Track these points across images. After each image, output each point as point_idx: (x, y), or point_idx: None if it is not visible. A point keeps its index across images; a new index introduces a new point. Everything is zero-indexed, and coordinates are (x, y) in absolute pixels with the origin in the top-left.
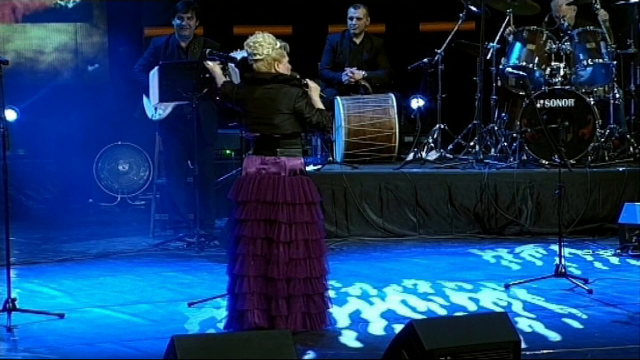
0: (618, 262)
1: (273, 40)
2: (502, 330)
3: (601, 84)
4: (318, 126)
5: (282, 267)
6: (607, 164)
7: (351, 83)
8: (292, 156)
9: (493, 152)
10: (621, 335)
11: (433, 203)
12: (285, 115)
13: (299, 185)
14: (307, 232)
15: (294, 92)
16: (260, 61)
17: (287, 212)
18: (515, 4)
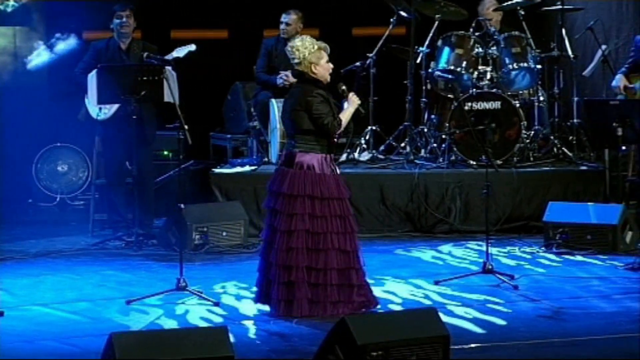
0: (543, 259)
1: (310, 43)
2: (432, 326)
3: (526, 87)
4: (323, 127)
5: (281, 254)
6: (532, 164)
7: (286, 86)
8: (306, 152)
9: (423, 153)
10: (546, 329)
11: (365, 202)
12: (300, 112)
13: (302, 179)
14: (308, 223)
15: (309, 90)
16: (298, 64)
17: (286, 203)
18: (444, 10)
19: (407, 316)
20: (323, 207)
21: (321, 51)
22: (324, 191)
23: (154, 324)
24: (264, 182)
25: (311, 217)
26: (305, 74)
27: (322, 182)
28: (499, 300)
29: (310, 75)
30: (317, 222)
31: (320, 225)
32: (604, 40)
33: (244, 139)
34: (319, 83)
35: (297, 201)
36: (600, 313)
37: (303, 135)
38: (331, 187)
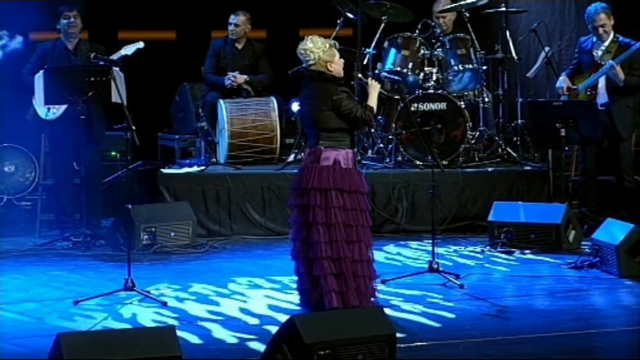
0: (488, 258)
1: (321, 43)
2: (379, 324)
3: (471, 89)
4: (358, 120)
5: (325, 246)
6: (478, 164)
7: (234, 87)
8: (332, 147)
9: (370, 153)
10: (491, 327)
11: None
12: (325, 112)
13: (330, 173)
14: (344, 216)
15: (333, 89)
16: (314, 65)
17: (319, 197)
18: (391, 12)
19: (354, 315)
20: (352, 201)
21: (332, 48)
22: (351, 185)
23: (102, 324)
24: (212, 183)
25: (344, 209)
26: (323, 73)
27: (349, 176)
28: (444, 299)
29: (327, 73)
30: (349, 215)
31: (352, 218)
32: (547, 42)
33: (192, 139)
34: (337, 80)
35: (329, 195)
36: (543, 311)
37: (329, 133)
38: (356, 181)
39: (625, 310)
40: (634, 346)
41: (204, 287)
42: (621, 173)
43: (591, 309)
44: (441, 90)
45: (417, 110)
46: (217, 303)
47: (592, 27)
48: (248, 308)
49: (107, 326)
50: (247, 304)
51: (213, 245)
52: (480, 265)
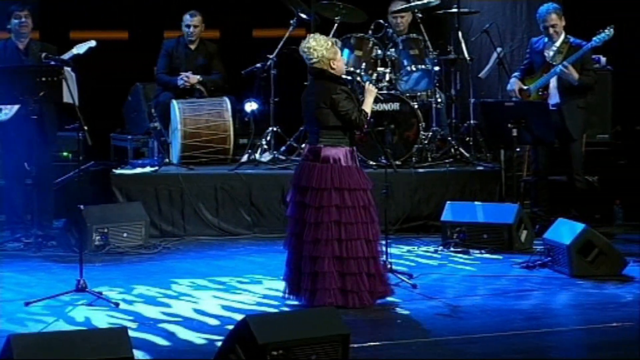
0: (441, 257)
1: (324, 41)
2: (332, 324)
3: (424, 89)
4: (351, 123)
5: (308, 246)
6: (431, 164)
7: (187, 87)
8: (332, 146)
9: None
10: (443, 326)
11: (267, 203)
12: (324, 110)
13: (329, 172)
14: (336, 215)
15: (333, 87)
16: (317, 63)
17: (317, 196)
18: (344, 12)
19: (307, 315)
20: (352, 198)
21: (334, 46)
22: (351, 183)
23: (53, 325)
24: (165, 183)
25: (340, 208)
26: (324, 71)
27: (349, 174)
28: (397, 299)
29: (330, 71)
30: (346, 213)
31: (349, 215)
32: (499, 42)
33: (144, 139)
34: (339, 79)
35: (324, 194)
36: (495, 310)
37: (328, 131)
38: (357, 179)
39: (576, 309)
40: (585, 345)
41: (156, 288)
42: (572, 173)
43: (543, 308)
44: (394, 90)
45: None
46: (170, 304)
47: (544, 27)
48: (202, 309)
49: (58, 328)
50: (201, 305)
51: (166, 246)
52: (433, 265)
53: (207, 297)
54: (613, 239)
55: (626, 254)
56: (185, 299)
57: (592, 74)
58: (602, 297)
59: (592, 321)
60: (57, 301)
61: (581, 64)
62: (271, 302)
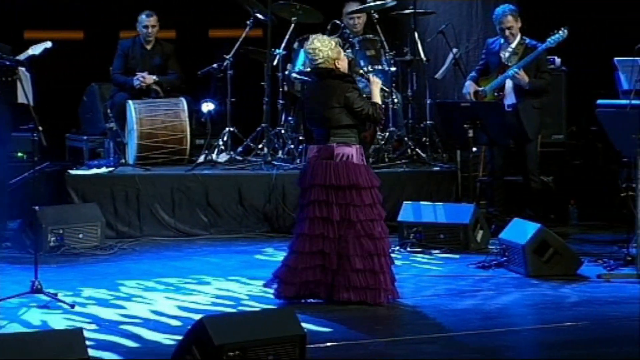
0: (397, 258)
1: (328, 41)
2: (289, 325)
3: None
4: (369, 118)
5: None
6: (387, 165)
7: (143, 87)
8: (344, 144)
9: (281, 154)
10: (400, 326)
11: (224, 203)
12: (336, 109)
13: (344, 170)
14: (356, 213)
15: (345, 86)
16: (322, 64)
17: (336, 194)
18: (300, 13)
19: (264, 316)
20: (367, 196)
21: (338, 46)
22: (362, 181)
23: (7, 328)
24: (121, 184)
25: (362, 206)
26: (332, 71)
27: (361, 171)
28: None
29: (337, 71)
30: (366, 210)
31: (368, 213)
32: (455, 43)
33: (100, 140)
34: (348, 77)
35: (345, 192)
36: (452, 310)
37: (341, 130)
38: (367, 177)
39: (531, 309)
40: (540, 344)
41: (112, 289)
42: (528, 173)
43: (498, 308)
44: None
45: None
46: (125, 306)
47: (499, 28)
48: (159, 310)
49: (13, 329)
50: (157, 306)
51: (122, 247)
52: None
53: (163, 298)
54: (568, 238)
55: (581, 254)
56: (140, 300)
57: (547, 76)
58: (556, 296)
59: (547, 321)
60: (12, 303)
61: (536, 65)
62: (227, 303)
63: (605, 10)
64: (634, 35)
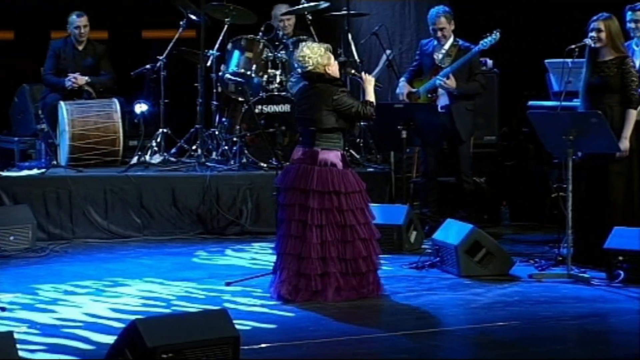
0: None
1: (317, 48)
2: (222, 327)
3: None
4: (359, 116)
5: (315, 247)
6: None
7: (75, 88)
8: (328, 149)
9: (215, 155)
10: (334, 327)
11: (157, 205)
12: (324, 112)
13: (327, 176)
14: (339, 217)
15: (333, 90)
16: (312, 69)
17: (318, 199)
18: (234, 14)
19: (197, 318)
20: (349, 201)
21: (328, 52)
22: (347, 186)
23: None
24: (53, 186)
25: (340, 211)
26: (323, 75)
27: (345, 177)
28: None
29: (327, 75)
30: (345, 216)
31: (348, 218)
32: (388, 45)
33: (32, 141)
34: (336, 81)
35: (325, 197)
36: (386, 311)
37: (326, 134)
38: (352, 181)
39: (464, 309)
40: (472, 344)
41: (43, 291)
42: (460, 174)
43: (432, 308)
44: (285, 92)
45: (262, 112)
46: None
47: (433, 30)
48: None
49: None
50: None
51: (54, 249)
52: None
53: (96, 300)
54: (500, 239)
55: (513, 254)
56: (73, 302)
57: (480, 78)
58: (488, 296)
59: (479, 321)
60: None
61: (469, 67)
62: (160, 304)
63: (537, 11)
64: (565, 36)
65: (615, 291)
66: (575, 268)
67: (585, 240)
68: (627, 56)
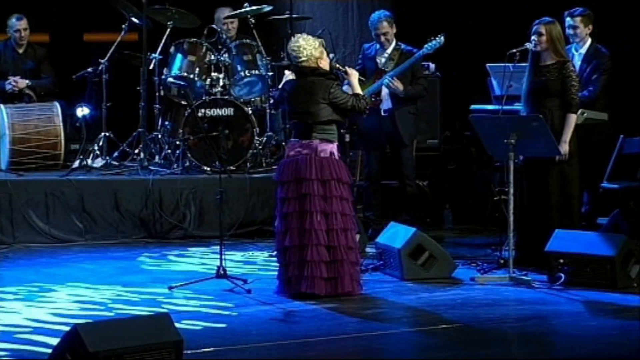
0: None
1: (312, 40)
2: (165, 331)
3: (258, 94)
4: (354, 109)
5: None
6: (265, 170)
7: (15, 92)
8: (326, 140)
9: (157, 159)
10: (278, 332)
11: (99, 209)
12: (321, 104)
13: (328, 165)
14: (340, 205)
15: (329, 83)
16: (305, 62)
17: (319, 187)
18: (176, 17)
19: (140, 322)
20: (345, 191)
21: (321, 46)
22: (345, 176)
23: None
24: None
25: (341, 199)
26: (315, 69)
27: (343, 167)
28: (232, 305)
29: (320, 69)
30: (344, 204)
31: (346, 207)
32: (331, 49)
33: None
34: (330, 74)
35: (330, 185)
36: (329, 314)
37: (323, 126)
38: (346, 172)
39: (407, 312)
40: (416, 347)
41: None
42: (404, 178)
43: (374, 311)
44: (228, 96)
45: (205, 116)
46: None
47: (375, 34)
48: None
49: None
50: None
51: None
52: (268, 270)
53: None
54: (443, 242)
55: (456, 257)
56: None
57: (424, 81)
58: (432, 299)
59: (422, 323)
60: None
61: (412, 71)
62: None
63: (478, 15)
64: (506, 40)
65: (556, 294)
66: (517, 271)
67: (527, 243)
68: (567, 60)
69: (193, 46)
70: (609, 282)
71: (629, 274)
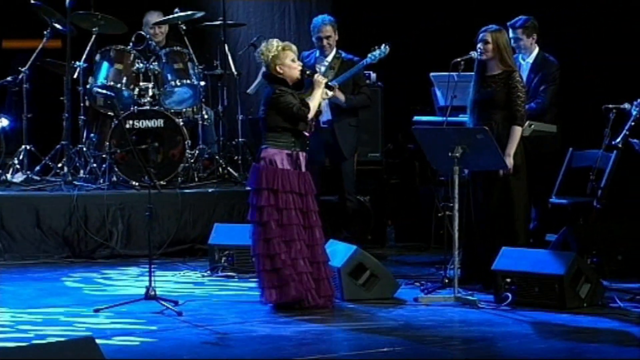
0: (208, 283)
1: (275, 45)
2: (89, 355)
3: (190, 105)
4: (294, 116)
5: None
6: (197, 184)
7: None
8: (270, 147)
9: (82, 173)
10: (210, 354)
11: (19, 226)
12: (269, 110)
13: (263, 173)
14: (277, 215)
15: (274, 88)
16: (266, 66)
17: (254, 196)
18: (102, 23)
19: (63, 346)
20: (286, 200)
21: (286, 51)
22: (284, 185)
23: None
24: None
25: (276, 209)
26: (270, 75)
27: (283, 176)
28: (162, 328)
29: (277, 75)
30: (283, 214)
31: (286, 217)
32: None
33: None
34: (283, 82)
35: (262, 194)
36: (265, 337)
37: (269, 132)
38: (292, 182)
39: (347, 334)
40: None
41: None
42: (344, 193)
43: (313, 334)
44: (158, 106)
45: (133, 127)
46: None
47: (317, 38)
48: None
49: None
50: None
51: None
52: (201, 290)
53: None
54: (385, 260)
55: (398, 276)
56: None
57: (367, 90)
58: (373, 321)
59: (364, 346)
60: None
61: (355, 80)
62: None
63: (421, 22)
64: (450, 49)
65: (503, 314)
66: (462, 290)
67: (472, 261)
68: (514, 70)
69: (120, 54)
70: (558, 302)
71: (579, 293)
